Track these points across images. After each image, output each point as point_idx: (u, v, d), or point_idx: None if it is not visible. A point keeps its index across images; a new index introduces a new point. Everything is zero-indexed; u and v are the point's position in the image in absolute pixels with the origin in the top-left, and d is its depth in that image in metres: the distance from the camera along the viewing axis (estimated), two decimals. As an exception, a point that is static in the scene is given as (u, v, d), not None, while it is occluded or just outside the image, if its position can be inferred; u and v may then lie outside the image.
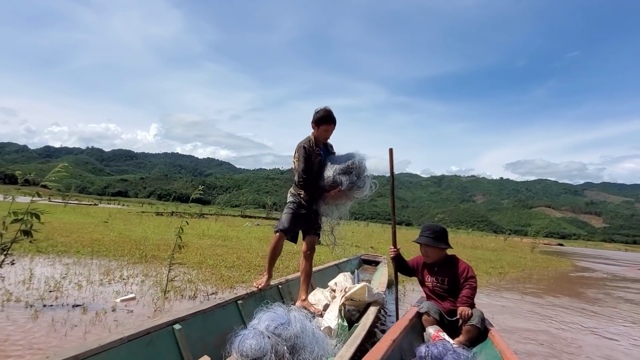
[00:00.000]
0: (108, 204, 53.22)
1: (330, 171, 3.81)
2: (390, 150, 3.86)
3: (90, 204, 35.15)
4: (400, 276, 4.04)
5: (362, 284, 3.75)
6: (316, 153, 3.83)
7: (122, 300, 4.21)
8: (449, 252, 3.68)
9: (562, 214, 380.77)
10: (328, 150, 4.05)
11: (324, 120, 3.79)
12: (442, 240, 3.57)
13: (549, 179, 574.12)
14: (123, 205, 49.52)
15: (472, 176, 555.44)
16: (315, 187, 3.82)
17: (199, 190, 5.37)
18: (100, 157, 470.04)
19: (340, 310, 3.48)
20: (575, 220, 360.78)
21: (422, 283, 3.74)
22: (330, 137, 4.00)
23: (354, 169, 3.79)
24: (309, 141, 3.85)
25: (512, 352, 2.61)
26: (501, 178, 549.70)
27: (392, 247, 3.81)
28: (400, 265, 3.89)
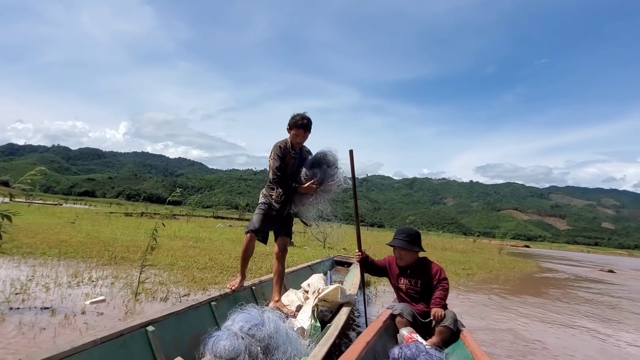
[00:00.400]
0: (74, 204, 51.64)
1: (303, 172, 3.93)
2: (351, 152, 3.88)
3: (56, 204, 34.01)
4: (372, 277, 4.11)
5: (335, 285, 3.81)
6: (291, 155, 3.90)
7: (92, 303, 4.13)
8: (421, 254, 3.78)
9: (528, 216, 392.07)
10: (302, 155, 4.08)
11: (295, 125, 3.86)
12: (416, 243, 3.65)
13: (516, 182, 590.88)
14: (90, 205, 48.10)
15: (443, 179, 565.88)
16: (288, 184, 3.87)
17: (177, 192, 5.33)
18: (66, 156, 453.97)
19: (313, 311, 3.53)
20: (541, 223, 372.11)
21: (395, 285, 3.80)
22: (305, 142, 4.06)
23: (324, 162, 3.95)
24: (286, 142, 3.92)
25: (483, 353, 2.70)
26: (471, 181, 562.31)
27: (357, 251, 3.88)
28: (369, 267, 3.96)
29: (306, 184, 3.86)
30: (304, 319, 3.45)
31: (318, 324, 3.40)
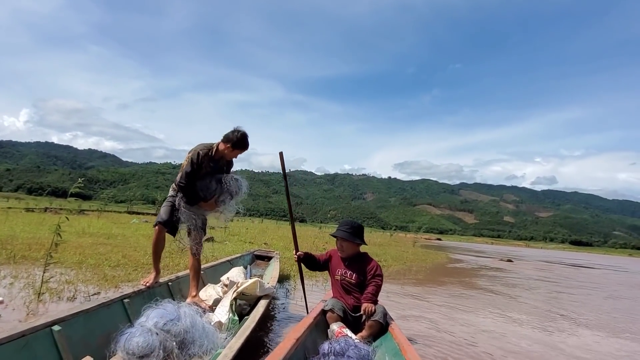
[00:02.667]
0: (-37, 198, 46.03)
1: (213, 186, 3.88)
2: (281, 154, 3.93)
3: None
4: (293, 272, 4.20)
5: (254, 279, 3.85)
6: (209, 165, 3.84)
7: (-13, 305, 3.80)
8: (363, 249, 3.93)
9: (441, 211, 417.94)
10: (222, 167, 4.01)
11: (239, 145, 3.81)
12: (358, 236, 3.78)
13: (431, 179, 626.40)
14: (-17, 199, 43.26)
15: (364, 175, 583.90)
16: (191, 195, 3.82)
17: (79, 183, 4.87)
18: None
19: (231, 305, 3.55)
20: (451, 217, 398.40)
21: (332, 277, 3.89)
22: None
23: (232, 188, 3.93)
24: (209, 150, 3.83)
25: (409, 344, 2.89)
26: (389, 177, 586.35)
27: (295, 253, 3.97)
28: (309, 263, 4.02)
29: (208, 202, 3.87)
30: (222, 313, 3.47)
31: (236, 318, 3.43)
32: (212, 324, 3.19)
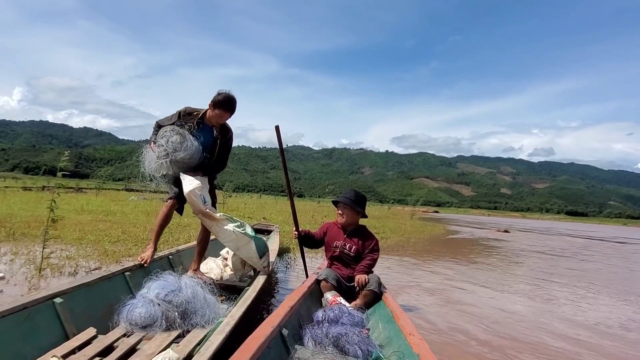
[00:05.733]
0: (-42, 178, 45.87)
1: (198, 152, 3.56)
2: (277, 128, 3.75)
3: None
4: (292, 245, 4.19)
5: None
6: (194, 127, 3.57)
7: (-11, 281, 3.83)
8: (362, 222, 3.94)
9: (438, 184, 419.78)
10: (213, 135, 3.68)
11: (221, 105, 3.49)
12: (360, 205, 3.79)
13: (428, 152, 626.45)
14: (-21, 179, 43.08)
15: (361, 149, 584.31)
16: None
17: (65, 157, 4.61)
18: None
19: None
20: (449, 190, 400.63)
21: (329, 249, 3.87)
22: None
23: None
24: (195, 114, 3.60)
25: (402, 311, 2.94)
26: (387, 151, 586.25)
27: (294, 230, 3.94)
28: (307, 241, 4.00)
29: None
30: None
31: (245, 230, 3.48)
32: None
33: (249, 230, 3.57)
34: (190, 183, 3.37)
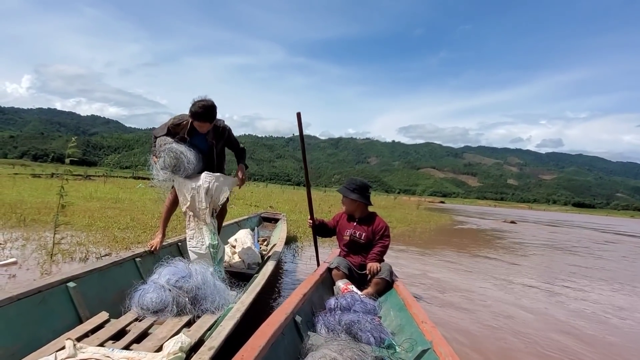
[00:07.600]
0: (-32, 164, 46.32)
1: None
2: (298, 115, 3.58)
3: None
4: (299, 233, 4.19)
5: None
6: (184, 137, 3.42)
7: (2, 265, 3.88)
8: (372, 210, 3.94)
9: (444, 174, 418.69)
10: (207, 140, 3.51)
11: (197, 117, 3.24)
12: (358, 192, 3.77)
13: (435, 142, 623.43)
14: (-12, 166, 43.51)
15: (367, 139, 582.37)
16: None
17: (73, 143, 4.55)
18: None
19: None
20: (455, 180, 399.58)
21: (341, 238, 3.91)
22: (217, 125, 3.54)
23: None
24: (180, 125, 3.42)
25: (414, 299, 2.95)
26: (393, 141, 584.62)
27: (310, 219, 3.96)
28: (321, 230, 4.04)
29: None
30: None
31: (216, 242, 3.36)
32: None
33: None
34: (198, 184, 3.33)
